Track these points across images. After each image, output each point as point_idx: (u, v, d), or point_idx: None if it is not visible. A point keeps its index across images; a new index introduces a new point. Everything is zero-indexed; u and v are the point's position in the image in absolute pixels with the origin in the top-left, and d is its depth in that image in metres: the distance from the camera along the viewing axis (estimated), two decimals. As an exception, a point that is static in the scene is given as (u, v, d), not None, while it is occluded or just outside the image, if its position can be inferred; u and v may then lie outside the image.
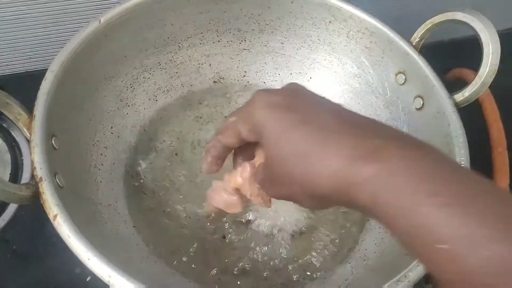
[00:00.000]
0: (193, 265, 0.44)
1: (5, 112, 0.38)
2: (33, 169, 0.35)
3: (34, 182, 0.35)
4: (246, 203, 0.38)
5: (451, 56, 0.71)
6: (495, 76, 0.45)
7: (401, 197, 0.23)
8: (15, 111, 0.38)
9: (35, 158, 0.35)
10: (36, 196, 0.35)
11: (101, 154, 0.47)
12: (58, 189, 0.35)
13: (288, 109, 0.29)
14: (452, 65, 0.64)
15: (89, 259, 0.32)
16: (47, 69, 0.40)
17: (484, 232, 0.21)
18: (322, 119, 0.28)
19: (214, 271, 0.44)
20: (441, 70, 0.48)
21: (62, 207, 0.33)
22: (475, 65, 0.46)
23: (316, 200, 0.28)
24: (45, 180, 0.34)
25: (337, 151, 0.26)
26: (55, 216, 0.33)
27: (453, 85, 0.48)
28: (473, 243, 0.21)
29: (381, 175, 0.24)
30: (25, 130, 0.38)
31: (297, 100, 0.30)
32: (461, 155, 0.41)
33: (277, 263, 0.45)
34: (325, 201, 0.28)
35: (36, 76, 0.40)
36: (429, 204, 0.22)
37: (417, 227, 0.23)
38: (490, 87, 0.62)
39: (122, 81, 0.51)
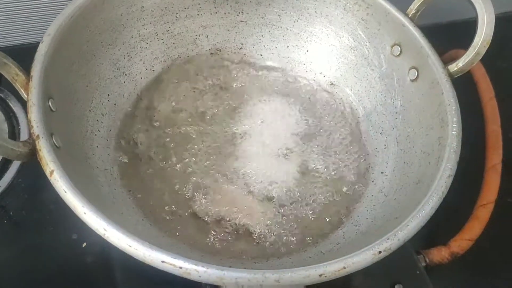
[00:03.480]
0: (188, 230, 0.44)
1: (3, 73, 0.38)
2: (30, 127, 0.36)
3: (31, 140, 0.35)
4: None
5: (448, 38, 0.71)
6: (494, 59, 0.46)
7: None
8: (12, 71, 0.38)
9: (32, 117, 0.36)
10: (32, 154, 0.35)
11: (97, 120, 0.47)
12: (55, 149, 0.36)
13: None
14: (450, 48, 0.65)
15: (85, 213, 0.32)
16: (44, 41, 0.41)
17: None
18: None
19: (211, 237, 0.44)
20: (438, 52, 0.48)
21: (58, 163, 0.34)
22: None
23: None
24: (42, 137, 0.35)
25: None
26: (52, 172, 0.33)
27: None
28: None
29: None
30: (22, 91, 0.38)
31: None
32: (453, 122, 0.42)
33: (269, 226, 0.45)
34: None
35: (33, 49, 0.40)
36: None
37: None
38: (488, 69, 0.63)
39: (119, 50, 0.51)
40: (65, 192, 0.33)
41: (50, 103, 0.39)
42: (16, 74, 0.38)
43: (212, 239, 0.44)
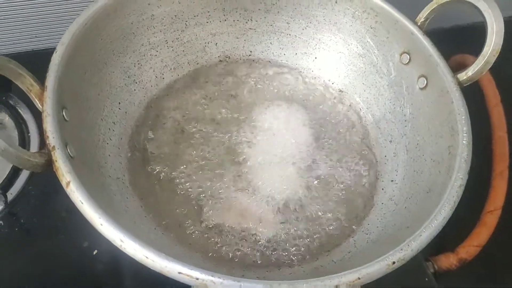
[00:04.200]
0: (200, 238, 0.45)
1: (18, 83, 0.38)
2: (45, 138, 0.36)
3: (46, 151, 0.35)
4: None
5: (452, 43, 0.71)
6: (500, 64, 0.46)
7: None
8: (27, 82, 0.38)
9: (48, 127, 0.36)
10: (48, 164, 0.35)
11: (109, 129, 0.48)
12: (70, 159, 0.36)
13: None
14: (454, 52, 0.65)
15: (101, 225, 0.32)
16: (53, 48, 0.41)
17: None
18: None
19: (222, 246, 0.45)
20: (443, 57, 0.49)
21: (74, 174, 0.34)
22: (477, 52, 0.46)
23: None
24: (57, 148, 0.35)
25: None
26: (68, 183, 0.34)
27: (455, 71, 0.48)
28: None
29: None
30: (36, 101, 0.38)
31: None
32: (464, 131, 0.42)
33: (279, 237, 0.46)
34: None
35: (43, 55, 0.41)
36: None
37: None
38: (493, 74, 0.63)
39: (130, 58, 0.51)
40: (82, 203, 0.33)
41: (64, 113, 0.39)
42: (31, 85, 0.39)
43: (223, 248, 0.44)
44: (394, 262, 0.34)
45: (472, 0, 0.45)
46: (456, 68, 0.48)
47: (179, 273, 0.31)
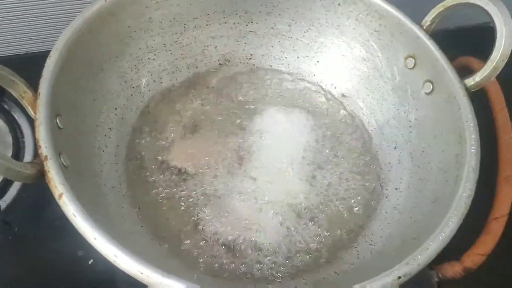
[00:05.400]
0: (198, 249, 0.43)
1: (10, 90, 0.37)
2: (38, 147, 0.34)
3: (39, 161, 0.34)
4: None
5: (457, 44, 0.70)
6: (505, 67, 0.45)
7: None
8: (20, 89, 0.37)
9: (40, 137, 0.35)
10: (40, 175, 0.34)
11: (105, 135, 0.46)
12: (63, 169, 0.35)
13: None
14: (458, 54, 0.64)
15: (95, 239, 0.31)
16: (48, 50, 0.40)
17: None
18: None
19: (222, 256, 0.43)
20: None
21: (67, 186, 0.33)
22: (482, 54, 0.45)
23: None
24: (50, 158, 0.34)
25: None
26: (61, 195, 0.32)
27: (459, 73, 0.47)
28: None
29: None
30: (29, 108, 0.37)
31: None
32: (472, 139, 0.41)
33: (280, 247, 0.44)
34: None
35: (37, 58, 0.40)
36: None
37: None
38: (498, 77, 0.62)
39: (127, 62, 0.50)
40: (75, 216, 0.32)
41: (58, 121, 0.38)
42: (24, 91, 0.37)
43: (222, 260, 0.43)
44: (399, 277, 0.33)
45: (481, 3, 0.44)
46: (460, 70, 0.47)
47: (176, 290, 0.30)
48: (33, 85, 0.38)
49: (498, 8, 0.43)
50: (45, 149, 0.34)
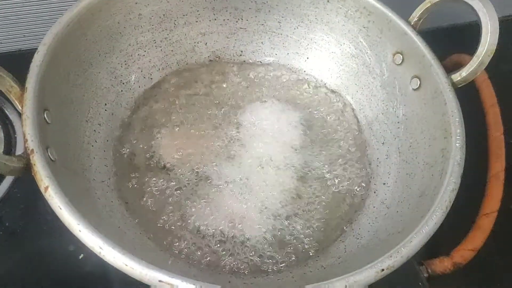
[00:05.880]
0: (185, 243, 0.43)
1: (-4, 84, 0.37)
2: (24, 141, 0.35)
3: (25, 155, 0.34)
4: None
5: (449, 42, 0.70)
6: (496, 64, 0.45)
7: None
8: (7, 83, 0.37)
9: (26, 130, 0.35)
10: (28, 169, 0.34)
11: (94, 130, 0.47)
12: (50, 163, 0.35)
13: None
14: (451, 51, 0.64)
15: (80, 231, 0.31)
16: (41, 48, 0.40)
17: None
18: None
19: (208, 251, 0.43)
20: (439, 56, 0.48)
21: (53, 179, 0.33)
22: (473, 51, 0.45)
23: None
24: (36, 152, 0.34)
25: None
26: (46, 188, 0.33)
27: (452, 71, 0.47)
28: None
29: None
30: (16, 103, 0.38)
31: None
32: (457, 134, 0.41)
33: (268, 241, 0.45)
34: None
35: (30, 55, 0.40)
36: None
37: None
38: (490, 73, 0.62)
39: (116, 58, 0.50)
40: (60, 208, 0.32)
41: (45, 115, 0.38)
42: (11, 86, 0.38)
43: (209, 254, 0.43)
44: (383, 270, 0.33)
45: (467, -1, 0.44)
46: (454, 67, 0.47)
47: (160, 281, 0.30)
48: (24, 81, 0.38)
49: (483, 4, 0.43)
50: (31, 142, 0.34)
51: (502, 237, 0.54)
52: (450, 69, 0.46)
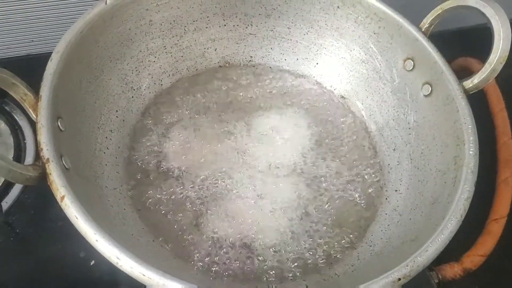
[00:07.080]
0: (199, 251, 0.43)
1: (11, 93, 0.37)
2: (39, 150, 0.35)
3: (40, 163, 0.34)
4: None
5: (456, 45, 0.70)
6: (504, 69, 0.45)
7: None
8: (21, 91, 0.37)
9: (42, 139, 0.35)
10: (42, 177, 0.34)
11: (106, 137, 0.47)
12: (65, 171, 0.35)
13: None
14: (457, 55, 0.64)
15: (97, 241, 0.31)
16: (49, 52, 0.40)
17: None
18: None
19: (223, 258, 0.43)
20: (446, 59, 0.48)
21: (69, 188, 0.33)
22: (480, 54, 0.45)
23: None
24: (52, 161, 0.34)
25: None
26: (63, 197, 0.33)
27: (458, 75, 0.47)
28: None
29: None
30: (30, 111, 0.37)
31: None
32: (470, 141, 0.41)
33: (281, 248, 0.45)
34: None
35: (38, 60, 0.40)
36: None
37: None
38: (496, 78, 0.62)
39: (127, 64, 0.50)
40: (77, 218, 0.32)
41: (59, 123, 0.38)
42: (25, 94, 0.38)
43: (223, 261, 0.43)
44: (399, 279, 0.33)
45: (478, 6, 0.44)
46: (459, 71, 0.47)
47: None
48: (34, 87, 0.38)
49: (495, 11, 0.43)
50: (46, 151, 0.34)
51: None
52: (456, 72, 0.46)
